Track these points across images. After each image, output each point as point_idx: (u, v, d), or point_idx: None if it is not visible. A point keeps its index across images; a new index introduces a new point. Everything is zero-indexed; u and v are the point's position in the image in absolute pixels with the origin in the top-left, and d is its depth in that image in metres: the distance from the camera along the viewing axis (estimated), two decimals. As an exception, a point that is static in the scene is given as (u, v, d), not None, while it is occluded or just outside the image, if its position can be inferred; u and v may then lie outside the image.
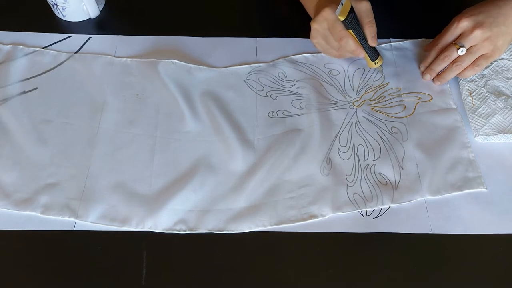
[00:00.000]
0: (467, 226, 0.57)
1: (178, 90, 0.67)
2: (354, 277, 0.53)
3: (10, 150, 0.61)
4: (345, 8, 0.59)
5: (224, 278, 0.53)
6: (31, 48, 0.72)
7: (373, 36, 0.63)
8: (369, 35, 0.63)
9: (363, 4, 0.62)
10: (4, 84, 0.67)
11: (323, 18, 0.63)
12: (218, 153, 0.62)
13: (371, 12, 0.63)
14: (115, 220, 0.57)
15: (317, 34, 0.65)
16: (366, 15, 0.63)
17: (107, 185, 0.59)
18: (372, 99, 0.67)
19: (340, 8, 0.59)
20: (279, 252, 0.55)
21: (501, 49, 0.64)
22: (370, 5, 0.63)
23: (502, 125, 0.63)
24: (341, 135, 0.64)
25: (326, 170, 0.60)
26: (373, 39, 0.63)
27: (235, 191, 0.59)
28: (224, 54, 0.72)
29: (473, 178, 0.60)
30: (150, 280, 0.53)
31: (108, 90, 0.68)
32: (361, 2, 0.62)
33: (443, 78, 0.67)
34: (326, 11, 0.62)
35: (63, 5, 0.73)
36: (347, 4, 0.60)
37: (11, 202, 0.57)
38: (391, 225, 0.57)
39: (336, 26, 0.62)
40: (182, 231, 0.56)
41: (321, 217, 0.57)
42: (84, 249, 0.55)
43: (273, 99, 0.67)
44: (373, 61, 0.67)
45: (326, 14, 0.62)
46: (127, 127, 0.64)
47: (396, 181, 0.60)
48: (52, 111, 0.65)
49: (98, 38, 0.74)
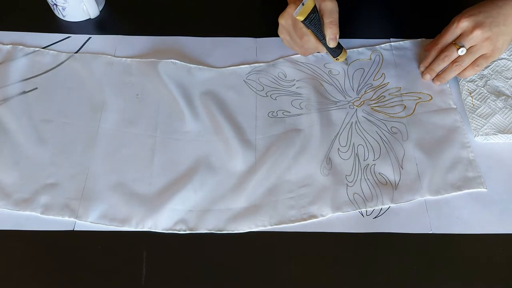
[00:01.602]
0: (467, 226, 0.57)
1: (178, 90, 0.67)
2: (354, 277, 0.53)
3: (10, 150, 0.61)
4: (307, 8, 0.59)
5: (224, 278, 0.53)
6: (31, 48, 0.72)
7: (331, 38, 0.63)
8: (327, 36, 0.63)
9: (327, 3, 0.62)
10: (4, 84, 0.67)
11: (287, 14, 0.63)
12: (218, 153, 0.62)
13: (335, 11, 0.63)
14: (115, 220, 0.57)
15: (283, 30, 0.66)
16: (329, 15, 0.62)
17: (107, 185, 0.59)
18: (372, 99, 0.67)
19: (300, 9, 0.59)
20: (279, 252, 0.55)
21: (501, 49, 0.64)
22: (336, 4, 0.63)
23: (502, 125, 0.63)
24: (341, 135, 0.64)
25: (326, 170, 0.60)
26: (331, 41, 0.64)
27: (235, 191, 0.59)
28: (224, 54, 0.72)
29: (473, 178, 0.60)
30: (150, 280, 0.53)
31: (108, 90, 0.67)
32: (326, 1, 0.62)
33: (443, 78, 0.67)
34: (291, 7, 0.62)
35: (63, 5, 0.73)
36: (310, 4, 0.59)
37: (11, 202, 0.57)
38: (391, 225, 0.57)
39: (297, 24, 0.63)
40: (182, 231, 0.56)
41: (321, 217, 0.57)
42: (84, 249, 0.55)
43: (273, 99, 0.67)
44: (334, 57, 0.68)
45: (290, 11, 0.63)
46: (127, 127, 0.64)
47: (396, 181, 0.60)
48: (52, 111, 0.65)
49: (98, 38, 0.74)
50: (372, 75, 0.70)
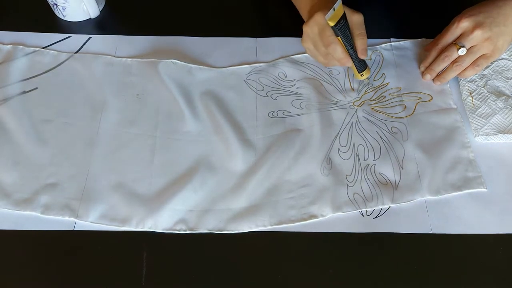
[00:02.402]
0: (467, 226, 0.57)
1: (178, 90, 0.67)
2: (354, 277, 0.53)
3: (10, 150, 0.61)
4: (337, 14, 0.58)
5: (224, 278, 0.53)
6: (31, 48, 0.72)
7: (363, 49, 0.62)
8: (359, 47, 0.62)
9: (356, 16, 0.61)
10: (4, 84, 0.67)
11: (314, 22, 0.62)
12: (218, 153, 0.62)
13: (363, 25, 0.62)
14: (115, 220, 0.57)
15: (307, 39, 0.64)
16: (358, 27, 0.62)
17: (107, 185, 0.59)
18: (372, 99, 0.67)
19: (331, 14, 0.58)
20: (279, 252, 0.55)
21: (501, 49, 0.64)
22: (363, 18, 0.62)
23: (502, 125, 0.63)
24: (341, 135, 0.64)
25: (326, 170, 0.60)
26: (363, 51, 0.62)
27: (235, 191, 0.59)
28: (224, 54, 0.72)
29: (473, 178, 0.60)
30: (150, 280, 0.53)
31: (108, 90, 0.67)
32: (355, 14, 0.61)
33: (443, 78, 0.67)
34: (319, 15, 0.61)
35: (63, 5, 0.73)
36: (340, 10, 0.58)
37: (11, 202, 0.57)
38: (391, 225, 0.57)
39: (325, 31, 0.61)
40: (182, 231, 0.56)
41: (321, 217, 0.57)
42: (84, 249, 0.55)
43: (273, 99, 0.67)
44: (359, 73, 0.66)
45: (318, 18, 0.61)
46: (127, 127, 0.64)
47: (396, 181, 0.60)
48: (52, 111, 0.65)
49: (98, 38, 0.74)
50: (372, 75, 0.70)
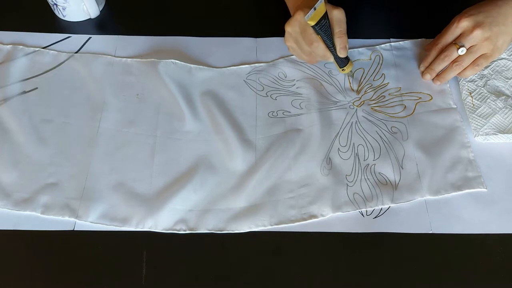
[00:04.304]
0: (467, 226, 0.57)
1: (178, 90, 0.67)
2: (354, 277, 0.53)
3: (10, 150, 0.61)
4: (318, 13, 0.58)
5: (224, 278, 0.53)
6: (31, 48, 0.72)
7: (341, 47, 0.63)
8: (338, 46, 0.63)
9: (335, 12, 0.61)
10: (4, 84, 0.67)
11: (295, 21, 0.62)
12: (218, 153, 0.62)
13: (343, 21, 0.62)
14: (115, 220, 0.57)
15: (289, 37, 0.64)
16: (337, 24, 0.61)
17: (107, 185, 0.59)
18: (372, 99, 0.67)
19: (312, 13, 0.58)
20: (279, 252, 0.55)
21: (501, 49, 0.64)
22: (344, 14, 0.62)
23: (502, 125, 0.63)
24: (341, 135, 0.64)
25: (326, 170, 0.60)
26: (341, 50, 0.63)
27: (235, 191, 0.59)
28: (224, 54, 0.72)
29: (473, 178, 0.60)
30: (150, 280, 0.53)
31: (108, 90, 0.68)
32: (335, 10, 0.61)
33: (443, 77, 0.67)
34: (299, 14, 0.61)
35: (63, 5, 0.73)
36: (321, 9, 0.58)
37: (11, 202, 0.57)
38: (391, 225, 0.57)
39: (307, 30, 0.61)
40: (182, 231, 0.56)
41: (321, 217, 0.57)
42: (84, 249, 0.55)
43: (273, 99, 0.67)
44: (341, 68, 0.67)
45: (299, 17, 0.61)
46: (127, 126, 0.64)
47: (396, 181, 0.60)
48: (52, 111, 0.65)
49: (98, 38, 0.74)
50: (372, 75, 0.70)
